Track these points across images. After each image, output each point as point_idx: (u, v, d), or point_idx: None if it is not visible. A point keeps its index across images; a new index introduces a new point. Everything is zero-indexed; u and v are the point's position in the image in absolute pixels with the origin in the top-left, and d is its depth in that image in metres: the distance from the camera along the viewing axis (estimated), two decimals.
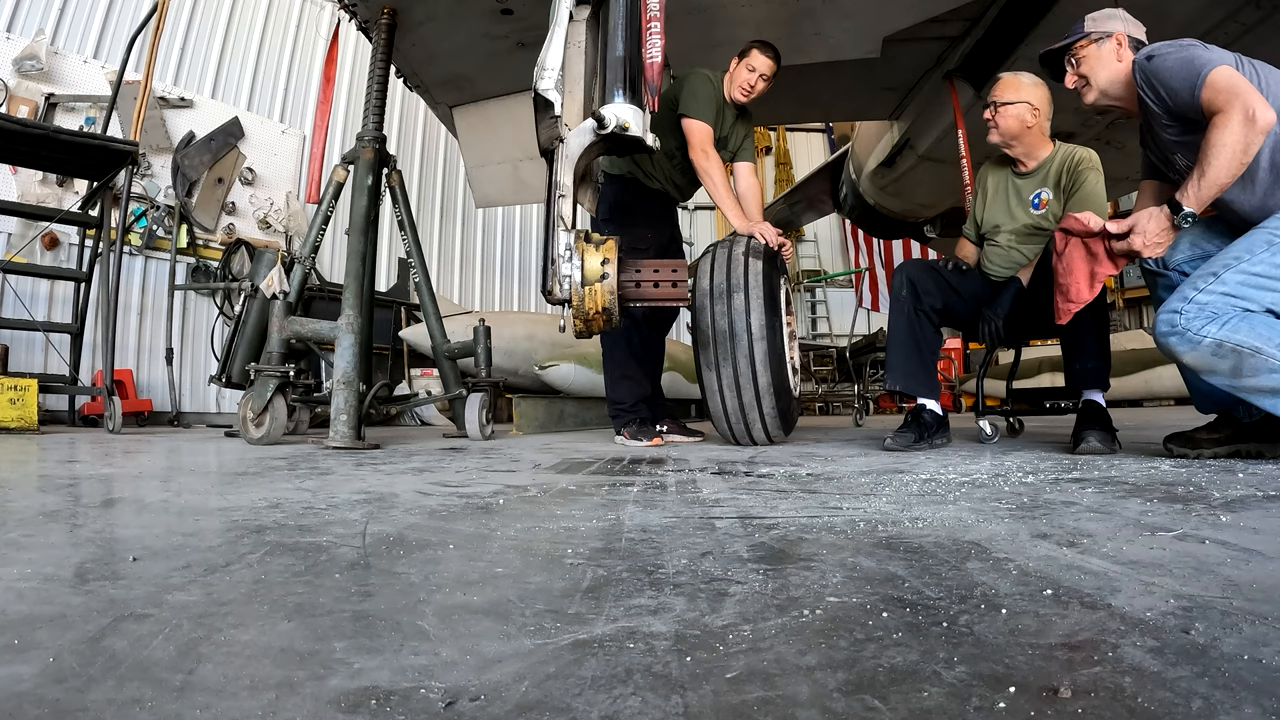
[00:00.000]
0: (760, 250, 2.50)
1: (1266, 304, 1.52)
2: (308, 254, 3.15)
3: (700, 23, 3.36)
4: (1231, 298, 1.52)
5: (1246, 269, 1.53)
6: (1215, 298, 1.53)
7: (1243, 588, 0.62)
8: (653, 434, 2.91)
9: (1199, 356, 1.55)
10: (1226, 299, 1.52)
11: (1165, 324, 1.58)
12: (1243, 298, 1.52)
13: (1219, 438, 1.75)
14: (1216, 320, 1.52)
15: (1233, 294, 1.52)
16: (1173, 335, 1.57)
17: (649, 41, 2.20)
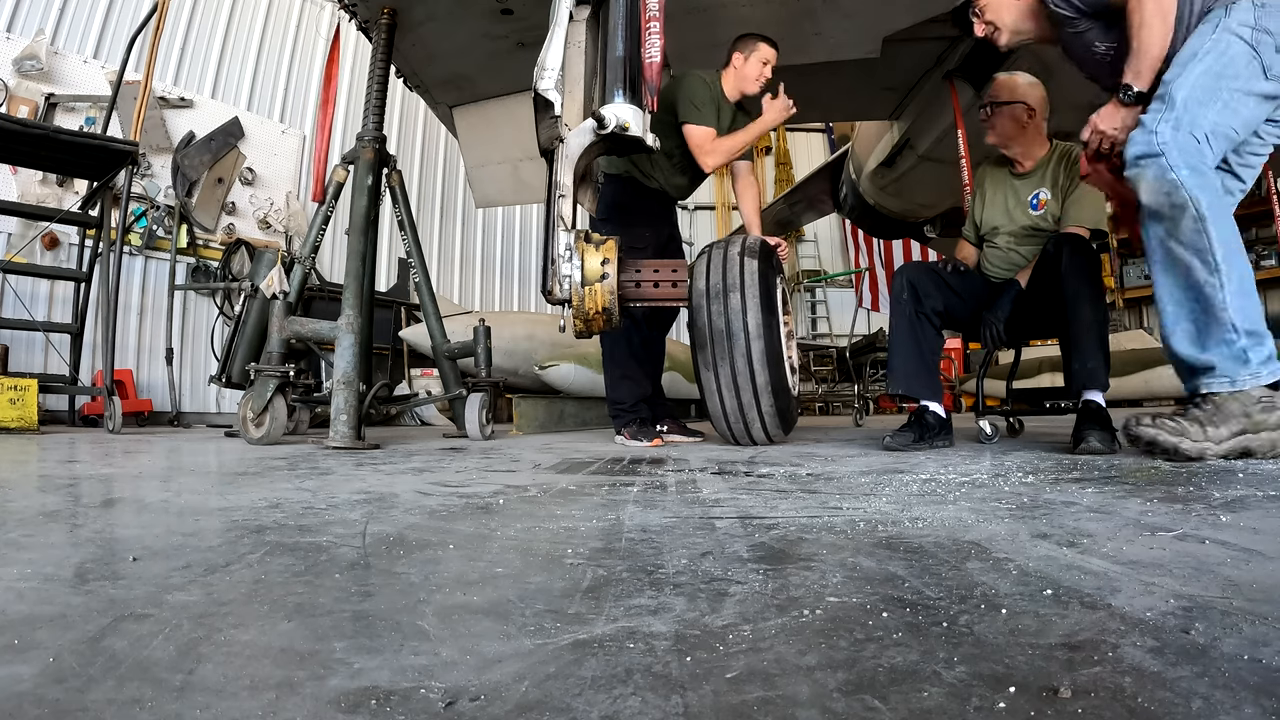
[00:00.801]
0: (756, 250, 2.50)
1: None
2: (308, 254, 3.15)
3: (700, 23, 3.36)
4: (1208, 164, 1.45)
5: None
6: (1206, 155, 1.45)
7: (1243, 588, 0.62)
8: (653, 434, 2.91)
9: (1160, 188, 1.44)
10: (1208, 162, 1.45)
11: (1144, 144, 1.47)
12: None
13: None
14: (1196, 174, 1.42)
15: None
16: (1148, 157, 1.46)
17: (649, 41, 2.20)
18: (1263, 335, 1.34)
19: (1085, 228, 2.29)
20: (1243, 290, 1.36)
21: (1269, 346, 1.33)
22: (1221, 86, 1.45)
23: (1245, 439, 1.27)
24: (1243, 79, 1.46)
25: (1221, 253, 1.37)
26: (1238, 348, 1.31)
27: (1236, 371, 1.31)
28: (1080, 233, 2.26)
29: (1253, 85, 1.46)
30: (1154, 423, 1.31)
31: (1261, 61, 1.45)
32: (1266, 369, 1.30)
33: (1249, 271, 1.41)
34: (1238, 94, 1.46)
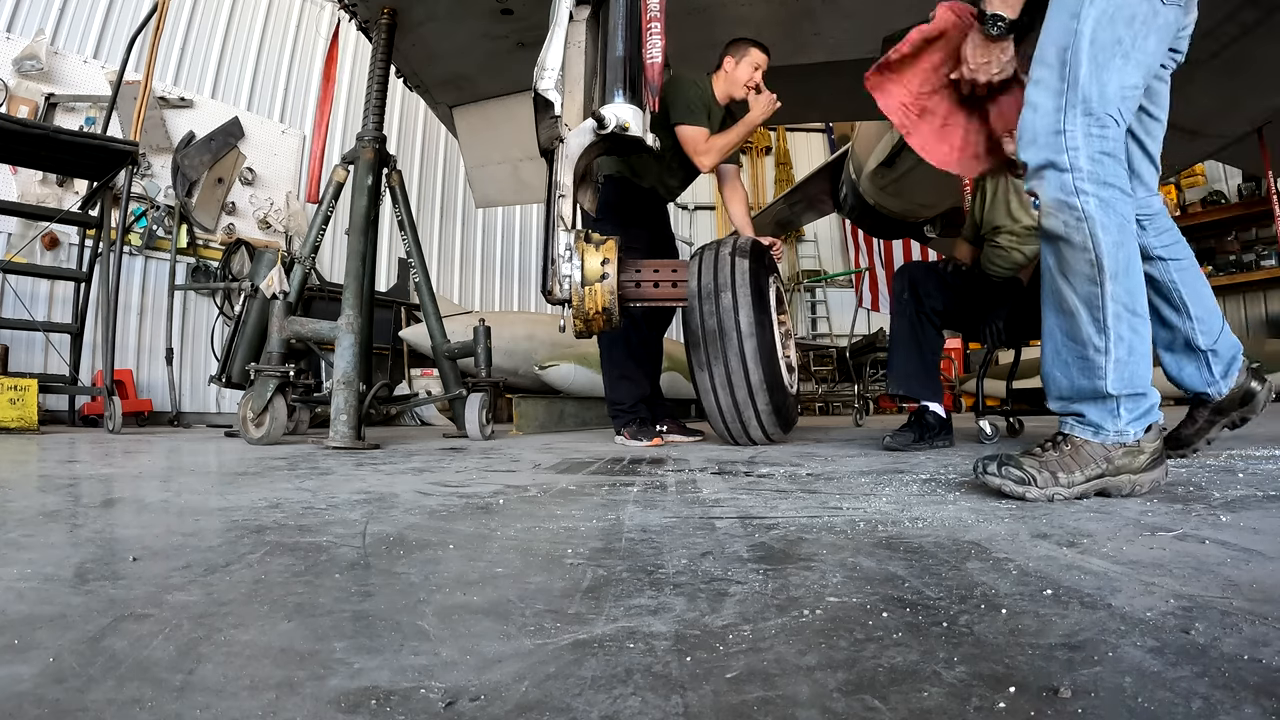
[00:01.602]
0: (747, 250, 2.51)
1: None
2: (308, 254, 3.15)
3: (700, 23, 3.36)
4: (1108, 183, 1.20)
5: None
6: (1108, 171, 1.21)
7: (1243, 588, 0.62)
8: (652, 434, 2.91)
9: (1060, 215, 1.21)
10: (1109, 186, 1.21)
11: (1050, 149, 1.22)
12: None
13: (1204, 424, 1.64)
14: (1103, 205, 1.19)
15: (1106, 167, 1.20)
16: (1052, 169, 1.22)
17: (649, 41, 2.20)
18: (1143, 395, 1.22)
19: None
20: (1132, 357, 1.20)
21: (1146, 404, 1.22)
22: (1122, 36, 1.22)
23: (1103, 482, 1.19)
24: (1140, 18, 1.23)
25: (1113, 310, 1.19)
26: (1110, 405, 1.21)
27: (1104, 423, 1.21)
28: None
29: (1152, 19, 1.24)
30: (1000, 471, 1.18)
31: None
32: (1135, 427, 1.20)
33: (1144, 331, 1.22)
34: (1139, 38, 1.23)
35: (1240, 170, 7.36)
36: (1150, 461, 1.21)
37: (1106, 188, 1.19)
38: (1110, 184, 1.20)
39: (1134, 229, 1.25)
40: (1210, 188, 8.13)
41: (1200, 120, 4.42)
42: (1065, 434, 1.24)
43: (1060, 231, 1.22)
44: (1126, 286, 1.20)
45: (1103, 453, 1.19)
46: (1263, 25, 3.34)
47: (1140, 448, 1.20)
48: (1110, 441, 1.20)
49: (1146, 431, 1.22)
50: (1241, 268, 7.77)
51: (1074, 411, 1.26)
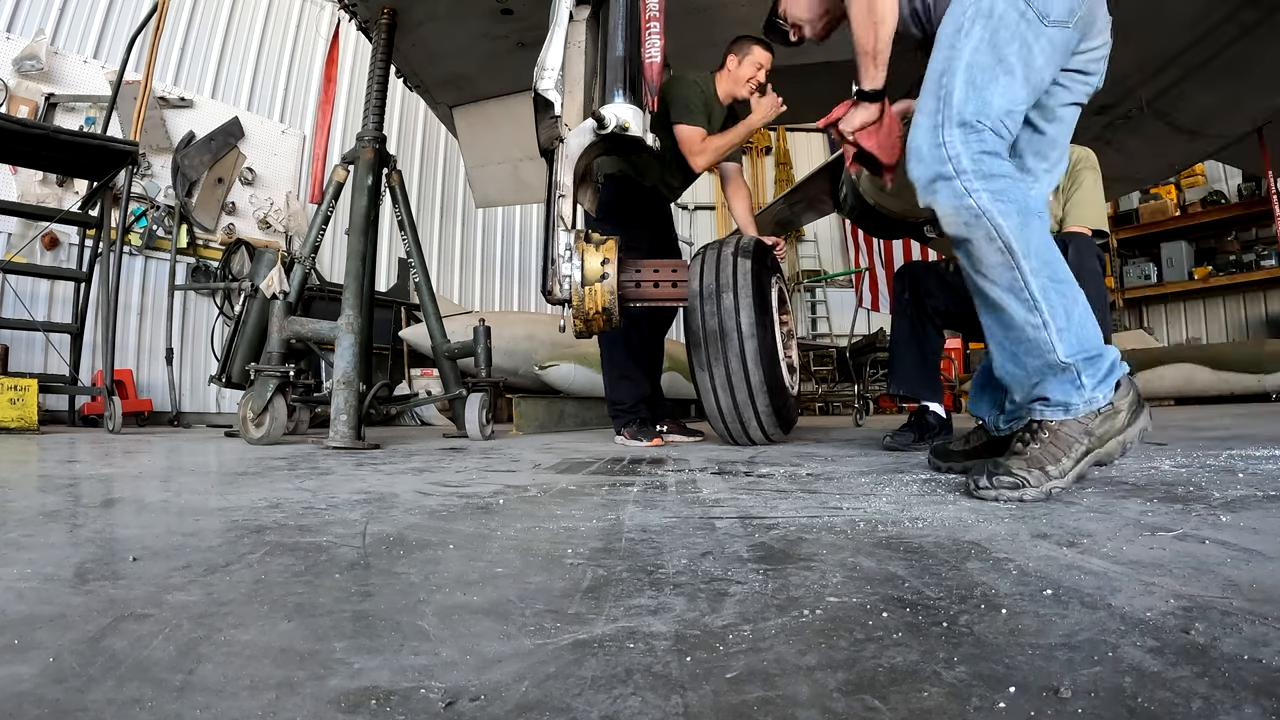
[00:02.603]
0: (749, 250, 2.50)
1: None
2: (308, 254, 3.15)
3: (700, 23, 3.36)
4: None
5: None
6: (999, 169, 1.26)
7: (1243, 588, 0.62)
8: (652, 434, 2.91)
9: (959, 218, 1.25)
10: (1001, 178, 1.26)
11: (934, 162, 1.28)
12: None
13: (968, 450, 1.59)
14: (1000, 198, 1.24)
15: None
16: (941, 180, 1.27)
17: (649, 41, 2.20)
18: (1095, 354, 1.21)
19: (1087, 227, 2.29)
20: (1070, 320, 1.21)
21: (1105, 363, 1.21)
22: (1002, 56, 1.29)
23: (1093, 456, 1.18)
24: (1020, 40, 1.29)
25: (1038, 284, 1.21)
26: (1069, 375, 1.20)
27: (1070, 399, 1.20)
28: (1083, 232, 2.27)
29: (1035, 41, 1.30)
30: (992, 482, 1.15)
31: (1035, 10, 1.29)
32: (1101, 391, 1.19)
33: (1074, 293, 1.24)
34: (1025, 56, 1.29)
35: (1240, 170, 7.36)
36: (1130, 416, 1.20)
37: (993, 179, 1.24)
38: (996, 175, 1.24)
39: (1035, 207, 1.27)
40: (1210, 188, 8.13)
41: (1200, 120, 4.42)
42: (1039, 421, 1.23)
43: (965, 233, 1.26)
44: (1043, 259, 1.23)
45: (1081, 428, 1.19)
46: (1263, 25, 3.35)
47: (1115, 408, 1.19)
48: (1083, 414, 1.20)
49: (1116, 390, 1.21)
50: (1241, 268, 7.77)
51: (1038, 397, 1.25)
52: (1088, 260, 2.14)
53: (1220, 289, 8.01)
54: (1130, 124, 4.42)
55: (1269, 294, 7.76)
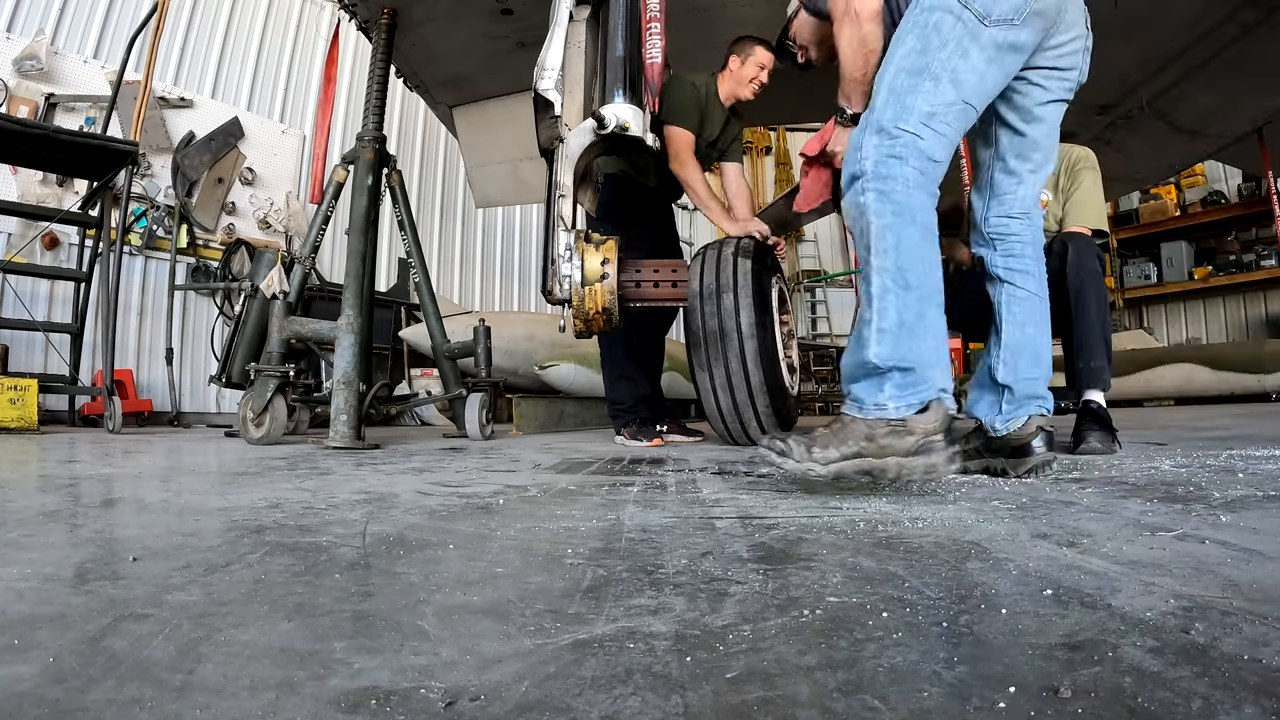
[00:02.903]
0: (750, 250, 2.50)
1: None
2: (308, 254, 3.15)
3: (700, 23, 3.36)
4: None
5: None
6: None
7: (1243, 588, 0.62)
8: (652, 434, 2.91)
9: (850, 212, 1.33)
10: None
11: (851, 163, 1.35)
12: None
13: (968, 450, 1.57)
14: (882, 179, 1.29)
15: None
16: (852, 179, 1.34)
17: (649, 41, 2.20)
18: (913, 370, 1.21)
19: (1087, 228, 2.29)
20: (903, 330, 1.22)
21: (919, 381, 1.21)
22: (929, 62, 1.32)
23: (864, 462, 1.17)
24: (953, 43, 1.32)
25: (878, 283, 1.25)
26: (876, 379, 1.22)
27: (866, 397, 1.22)
28: (1083, 232, 2.26)
29: (972, 44, 1.32)
30: (769, 442, 1.25)
31: (973, 12, 1.31)
32: (897, 401, 1.19)
33: (920, 306, 1.25)
34: (954, 61, 1.31)
35: (1240, 170, 7.36)
36: (921, 445, 1.17)
37: (886, 180, 1.28)
38: (891, 177, 1.28)
39: (922, 216, 1.29)
40: (1210, 188, 8.13)
41: (1200, 120, 4.42)
42: (841, 412, 1.26)
43: (852, 226, 1.34)
44: (895, 262, 1.25)
45: (865, 430, 1.18)
46: (1263, 25, 3.34)
47: (908, 427, 1.17)
48: (871, 416, 1.20)
49: (922, 412, 1.20)
50: (1241, 268, 7.77)
51: (849, 391, 1.28)
52: (1088, 260, 2.13)
53: (1220, 289, 8.00)
54: (1130, 124, 4.41)
55: (1269, 294, 7.76)
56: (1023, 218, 1.57)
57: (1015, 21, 1.33)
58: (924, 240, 1.29)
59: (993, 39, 1.33)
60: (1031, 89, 1.48)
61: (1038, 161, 1.54)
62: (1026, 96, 1.48)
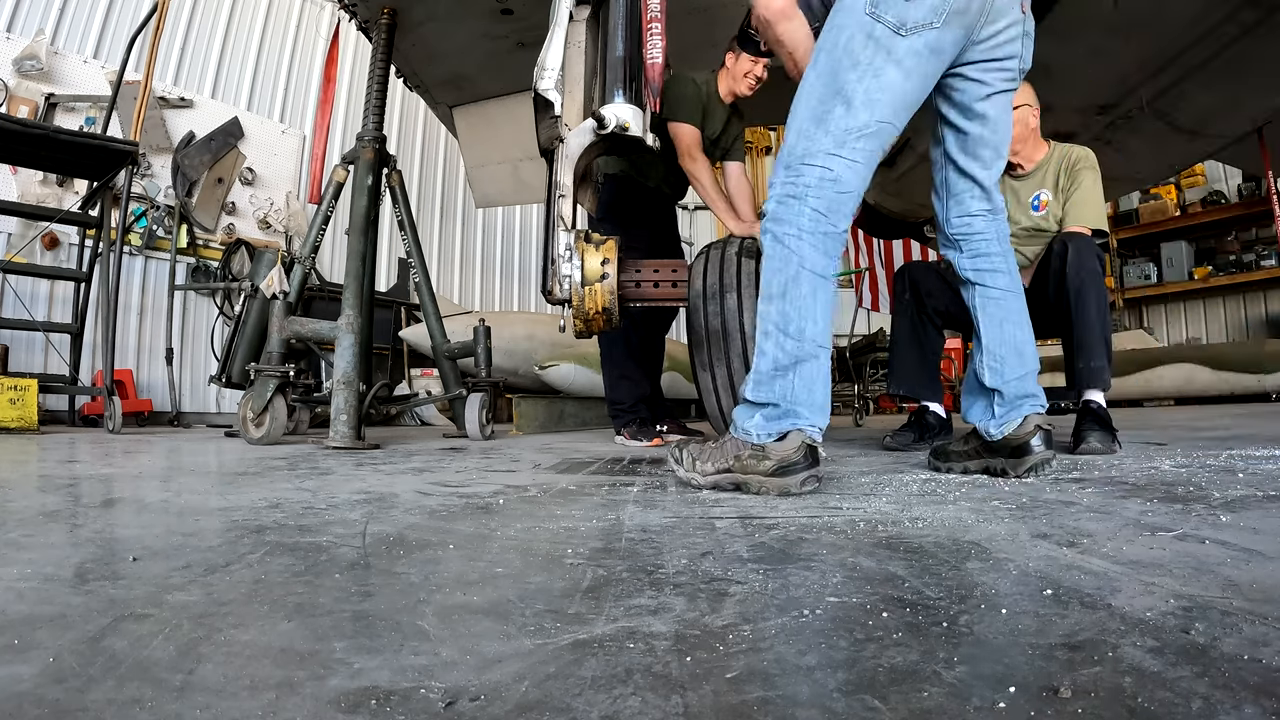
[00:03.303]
0: (753, 250, 2.50)
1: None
2: (308, 254, 3.15)
3: (700, 23, 3.35)
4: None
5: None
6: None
7: (1243, 588, 0.62)
8: (652, 434, 2.91)
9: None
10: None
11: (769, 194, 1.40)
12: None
13: (967, 450, 1.61)
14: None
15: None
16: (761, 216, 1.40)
17: (649, 42, 2.19)
18: (776, 407, 1.31)
19: (1087, 227, 2.29)
20: (777, 371, 1.31)
21: (783, 416, 1.30)
22: (840, 85, 1.31)
23: (733, 476, 1.32)
24: (865, 63, 1.30)
25: (761, 328, 1.35)
26: (748, 407, 1.34)
27: (739, 421, 1.35)
28: (1083, 232, 2.26)
29: (887, 60, 1.30)
30: (672, 449, 1.41)
31: (887, 25, 1.28)
32: (760, 430, 1.31)
33: (801, 351, 1.31)
34: (866, 82, 1.30)
35: (1240, 170, 7.36)
36: (778, 468, 1.29)
37: (780, 224, 1.35)
38: (784, 221, 1.34)
39: (811, 263, 1.32)
40: (1210, 188, 8.12)
41: (1200, 120, 4.42)
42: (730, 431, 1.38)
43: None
44: (780, 308, 1.32)
45: (735, 449, 1.32)
46: (1263, 25, 3.34)
47: (766, 453, 1.30)
48: (740, 437, 1.33)
49: (781, 440, 1.30)
50: (1241, 268, 7.77)
51: (733, 412, 1.39)
52: (1087, 260, 2.13)
53: (1220, 289, 8.00)
54: (1130, 124, 4.41)
55: (1269, 294, 7.76)
56: (984, 215, 1.56)
57: (935, 24, 1.30)
58: (811, 291, 1.33)
59: (910, 48, 1.30)
60: (969, 84, 1.45)
61: (988, 158, 1.52)
62: (964, 93, 1.46)
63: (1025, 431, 1.45)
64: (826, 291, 1.34)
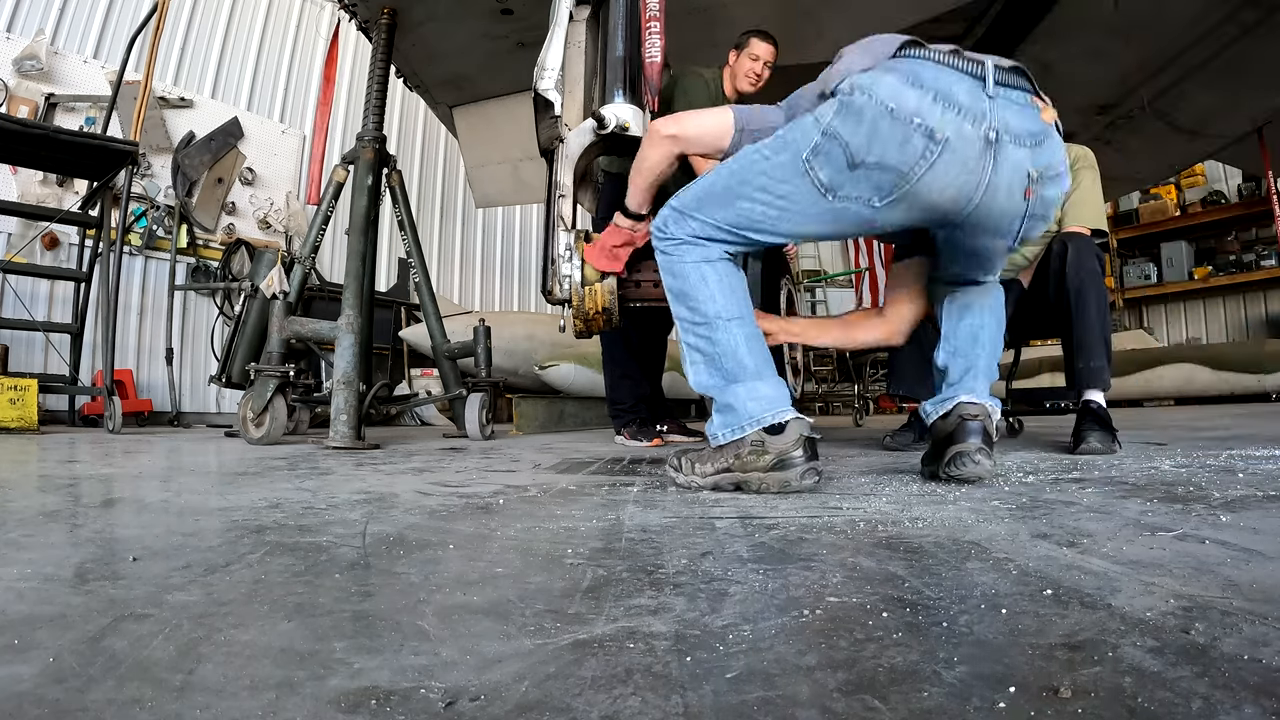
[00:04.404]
0: (759, 252, 2.50)
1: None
2: (308, 254, 3.15)
3: (700, 23, 3.36)
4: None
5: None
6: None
7: (1243, 588, 0.62)
8: (653, 434, 2.91)
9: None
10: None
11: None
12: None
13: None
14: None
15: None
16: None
17: (649, 41, 2.20)
18: (727, 407, 1.34)
19: (1086, 227, 2.29)
20: (717, 354, 1.35)
21: (731, 403, 1.33)
22: (740, 194, 1.31)
23: (733, 476, 1.33)
24: (777, 194, 1.29)
25: (680, 327, 1.41)
26: (711, 410, 1.38)
27: (709, 428, 1.38)
28: (1082, 232, 2.26)
29: (810, 208, 1.28)
30: (670, 459, 1.43)
31: (815, 180, 1.24)
32: (723, 431, 1.34)
33: (719, 334, 1.34)
34: (767, 208, 1.30)
35: (1240, 170, 7.36)
36: (777, 463, 1.29)
37: (665, 238, 1.41)
38: (669, 235, 1.40)
39: (695, 263, 1.36)
40: (1210, 188, 8.12)
41: (1200, 120, 4.42)
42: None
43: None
44: (687, 305, 1.37)
45: (733, 450, 1.33)
46: (1263, 25, 3.34)
47: (765, 447, 1.30)
48: (716, 444, 1.35)
49: (779, 432, 1.30)
50: (1241, 268, 7.77)
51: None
52: (1087, 260, 2.13)
53: (1220, 289, 8.00)
54: (1130, 124, 4.41)
55: (1269, 294, 7.76)
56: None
57: (874, 203, 1.23)
58: (705, 278, 1.39)
59: (832, 209, 1.26)
60: (951, 232, 1.38)
61: (977, 271, 1.51)
62: (940, 239, 1.43)
63: (950, 423, 1.40)
64: (716, 270, 1.37)
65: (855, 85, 1.20)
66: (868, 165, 1.19)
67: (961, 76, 1.20)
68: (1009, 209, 1.25)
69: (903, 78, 1.18)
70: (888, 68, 1.22)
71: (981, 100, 1.18)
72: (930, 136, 1.15)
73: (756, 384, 1.33)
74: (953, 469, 1.35)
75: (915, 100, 1.16)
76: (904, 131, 1.16)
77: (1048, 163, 1.27)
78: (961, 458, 1.34)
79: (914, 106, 1.16)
